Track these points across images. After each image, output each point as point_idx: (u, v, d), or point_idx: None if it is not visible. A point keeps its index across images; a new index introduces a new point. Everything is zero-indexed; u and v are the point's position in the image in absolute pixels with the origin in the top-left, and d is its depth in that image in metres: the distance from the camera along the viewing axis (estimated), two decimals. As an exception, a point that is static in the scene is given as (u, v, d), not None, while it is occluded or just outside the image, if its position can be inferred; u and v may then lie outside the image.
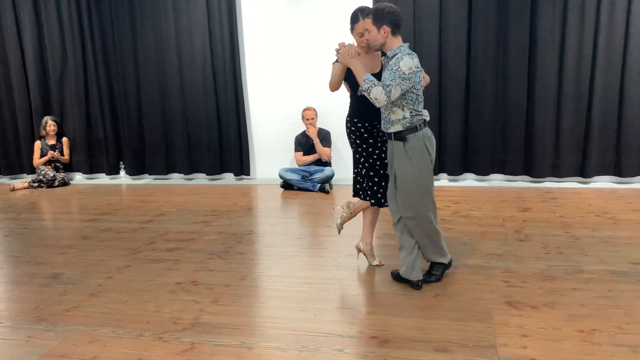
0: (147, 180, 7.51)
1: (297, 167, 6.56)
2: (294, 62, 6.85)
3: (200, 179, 7.38)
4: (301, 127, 6.67)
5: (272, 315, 2.93)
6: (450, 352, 2.44)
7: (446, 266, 3.33)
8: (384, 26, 3.02)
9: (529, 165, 6.23)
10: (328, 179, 6.25)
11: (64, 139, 7.62)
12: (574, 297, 2.98)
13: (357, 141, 3.41)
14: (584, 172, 6.06)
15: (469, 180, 6.48)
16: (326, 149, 6.40)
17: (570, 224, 4.47)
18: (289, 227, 4.71)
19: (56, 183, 7.27)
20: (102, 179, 7.74)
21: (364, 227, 3.63)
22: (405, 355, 2.43)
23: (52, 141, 7.50)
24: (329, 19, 6.61)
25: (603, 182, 6.09)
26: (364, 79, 2.99)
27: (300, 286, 3.32)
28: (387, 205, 3.42)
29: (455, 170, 6.45)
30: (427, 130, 3.14)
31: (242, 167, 7.16)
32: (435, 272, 3.30)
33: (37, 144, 7.49)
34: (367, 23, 3.12)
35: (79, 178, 7.83)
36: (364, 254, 3.65)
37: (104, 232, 4.79)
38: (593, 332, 2.57)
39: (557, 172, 6.15)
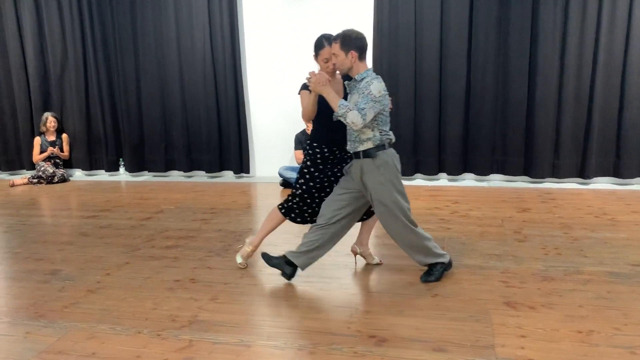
0: (146, 177, 7.51)
1: (297, 165, 6.55)
2: (294, 59, 6.84)
3: (200, 177, 7.38)
4: (301, 125, 6.67)
5: (270, 313, 2.93)
6: (448, 351, 2.45)
7: (445, 266, 3.34)
8: (352, 51, 3.12)
9: (528, 165, 6.24)
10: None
11: (64, 136, 7.62)
12: (572, 298, 2.98)
13: (308, 163, 3.47)
14: (583, 173, 6.07)
15: (468, 180, 6.48)
16: (326, 147, 6.39)
17: (569, 224, 4.47)
18: (288, 225, 4.68)
19: (55, 179, 7.27)
20: (102, 175, 7.74)
21: (362, 229, 3.64)
22: (403, 354, 2.44)
23: (52, 137, 7.50)
24: (330, 16, 6.61)
25: (603, 184, 6.10)
26: (339, 104, 3.06)
27: (299, 284, 3.32)
28: (297, 221, 3.55)
29: (454, 170, 6.45)
30: (391, 150, 3.24)
31: (241, 165, 7.16)
32: (435, 272, 3.30)
33: (37, 140, 7.49)
34: (334, 48, 3.20)
35: (78, 174, 7.83)
36: (362, 256, 3.65)
37: (103, 228, 4.79)
38: (591, 333, 2.57)
39: (557, 173, 6.15)
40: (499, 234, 4.24)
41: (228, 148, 7.14)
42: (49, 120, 7.43)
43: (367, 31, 6.48)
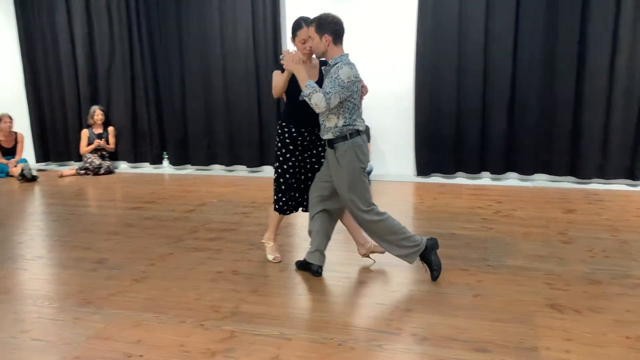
0: (189, 170, 7.65)
1: (336, 161, 6.55)
2: (336, 56, 6.83)
3: (240, 171, 7.47)
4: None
5: (310, 307, 2.95)
6: (490, 352, 2.41)
7: (428, 250, 3.27)
8: (326, 35, 3.14)
9: (574, 165, 6.06)
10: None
11: (110, 128, 7.84)
12: (621, 303, 2.89)
13: (279, 144, 3.51)
14: (633, 174, 5.86)
15: (511, 180, 6.34)
16: (366, 144, 6.37)
17: (617, 227, 4.33)
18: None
19: (102, 171, 7.49)
20: (146, 168, 7.93)
21: (350, 232, 3.65)
22: (443, 353, 2.42)
23: (98, 130, 7.73)
24: (373, 17, 6.57)
25: (653, 185, 5.88)
26: (306, 84, 3.09)
27: (338, 280, 3.33)
28: (287, 213, 3.61)
29: (497, 169, 6.33)
30: (357, 140, 3.20)
31: (281, 160, 7.20)
32: (428, 262, 3.30)
33: (85, 133, 7.73)
34: (310, 31, 3.22)
35: (123, 167, 8.05)
36: (372, 252, 3.65)
37: (147, 220, 4.91)
38: (640, 340, 2.50)
39: (604, 174, 5.96)
40: (543, 235, 4.15)
41: (268, 144, 7.19)
42: (96, 112, 7.66)
43: (411, 24, 6.43)
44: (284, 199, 3.56)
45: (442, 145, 6.48)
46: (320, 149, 3.55)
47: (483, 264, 3.53)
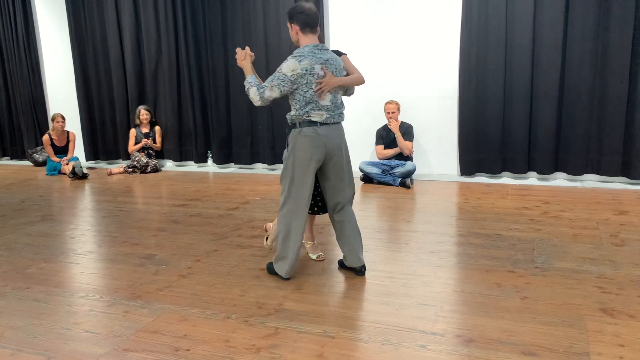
0: (232, 169, 7.77)
1: (377, 160, 6.53)
2: (377, 55, 6.81)
3: (283, 170, 7.51)
4: (382, 120, 6.63)
5: (353, 306, 2.95)
6: (539, 356, 2.35)
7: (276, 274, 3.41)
8: (294, 24, 3.19)
9: (627, 165, 5.84)
10: (409, 174, 6.17)
11: (157, 128, 8.03)
12: (678, 309, 2.77)
13: None
14: (690, 175, 5.61)
15: (560, 180, 6.17)
16: (408, 143, 6.32)
17: (673, 230, 4.16)
18: (368, 220, 4.71)
19: (149, 169, 7.69)
20: (191, 166, 8.09)
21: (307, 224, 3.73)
22: (490, 356, 2.37)
23: (146, 129, 7.93)
24: (416, 13, 6.51)
25: None
26: (246, 80, 3.24)
27: (381, 280, 3.31)
28: (319, 213, 3.61)
29: (545, 169, 6.16)
30: (308, 129, 3.17)
31: (323, 159, 7.22)
32: (270, 268, 3.40)
33: (132, 132, 7.95)
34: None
35: (169, 165, 8.24)
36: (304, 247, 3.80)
37: (192, 217, 5.01)
38: (700, 348, 2.38)
39: (660, 174, 5.73)
40: (594, 237, 4.02)
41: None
42: (142, 112, 7.86)
43: (455, 22, 6.33)
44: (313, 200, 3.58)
45: (487, 144, 6.35)
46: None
47: (531, 266, 3.45)
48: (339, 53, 3.45)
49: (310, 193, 3.25)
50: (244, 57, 3.35)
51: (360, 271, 3.39)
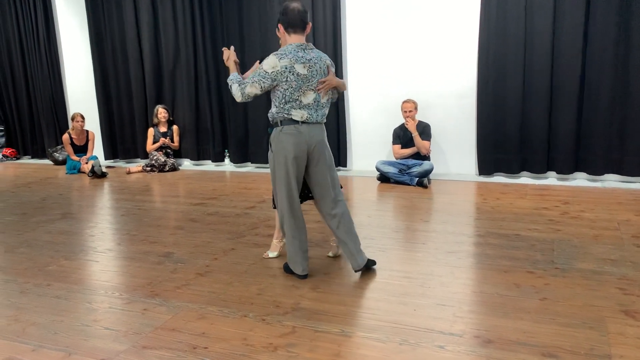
0: (249, 168, 7.79)
1: (394, 160, 6.50)
2: (395, 54, 6.78)
3: (299, 169, 7.52)
4: (400, 119, 6.60)
5: (370, 306, 2.94)
6: (559, 358, 2.32)
7: (289, 270, 3.41)
8: (279, 25, 3.24)
9: (649, 165, 5.74)
10: (426, 173, 6.13)
11: (175, 127, 8.09)
12: (703, 311, 2.72)
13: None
14: None
15: (579, 180, 6.08)
16: (425, 142, 6.28)
17: (697, 231, 4.07)
18: (385, 220, 4.69)
19: (166, 168, 7.75)
20: (208, 165, 8.14)
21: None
22: (509, 357, 2.34)
23: (163, 129, 8.00)
24: (434, 10, 6.46)
25: None
26: (229, 77, 3.26)
27: (398, 280, 3.30)
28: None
29: (565, 169, 6.08)
30: (289, 128, 3.19)
31: (339, 158, 7.22)
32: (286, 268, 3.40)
33: (150, 131, 8.02)
34: None
35: (187, 164, 8.29)
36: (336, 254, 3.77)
37: (210, 215, 5.04)
38: None
39: (683, 174, 5.62)
40: (615, 238, 3.95)
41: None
42: (160, 111, 7.93)
43: (474, 20, 6.28)
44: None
45: (505, 144, 6.29)
46: None
47: (550, 267, 3.40)
48: None
49: (297, 190, 3.31)
50: (226, 58, 3.43)
51: (364, 267, 3.37)
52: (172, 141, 8.04)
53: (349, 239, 3.34)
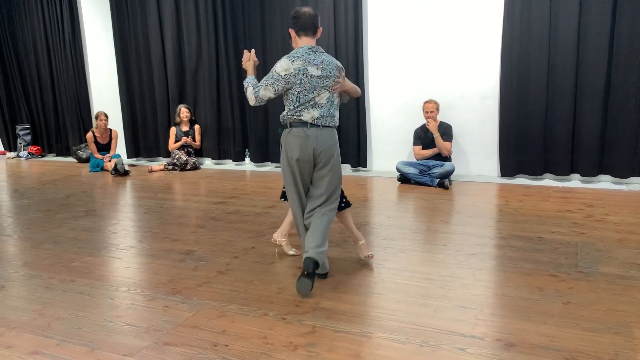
0: (269, 167, 7.83)
1: (415, 160, 6.47)
2: (416, 54, 6.74)
3: (319, 169, 7.52)
4: (421, 120, 6.56)
5: (391, 307, 2.93)
6: (583, 363, 2.29)
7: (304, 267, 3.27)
8: (290, 29, 3.29)
9: (677, 168, 5.62)
10: (447, 174, 6.08)
11: (196, 126, 8.17)
12: None
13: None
14: None
15: (604, 183, 5.98)
16: (447, 143, 6.24)
17: None
18: (405, 220, 4.67)
19: (188, 167, 7.82)
20: (229, 164, 8.19)
21: (286, 220, 3.83)
22: (532, 361, 2.32)
23: (185, 128, 8.08)
24: (457, 10, 6.41)
25: None
26: (245, 80, 3.31)
27: (419, 281, 3.28)
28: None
29: (589, 171, 5.99)
30: (297, 130, 3.21)
31: (359, 158, 7.21)
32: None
33: (172, 130, 8.10)
34: None
35: (208, 163, 8.36)
36: (280, 245, 3.86)
37: (230, 214, 5.07)
38: None
39: None
40: (641, 242, 3.88)
41: (347, 142, 7.22)
42: (182, 111, 8.01)
43: (497, 19, 6.22)
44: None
45: (528, 145, 6.21)
46: None
47: (574, 271, 3.35)
48: None
49: (303, 192, 3.32)
50: (246, 60, 3.46)
51: (311, 267, 3.21)
52: (194, 140, 8.12)
53: (311, 234, 3.24)
